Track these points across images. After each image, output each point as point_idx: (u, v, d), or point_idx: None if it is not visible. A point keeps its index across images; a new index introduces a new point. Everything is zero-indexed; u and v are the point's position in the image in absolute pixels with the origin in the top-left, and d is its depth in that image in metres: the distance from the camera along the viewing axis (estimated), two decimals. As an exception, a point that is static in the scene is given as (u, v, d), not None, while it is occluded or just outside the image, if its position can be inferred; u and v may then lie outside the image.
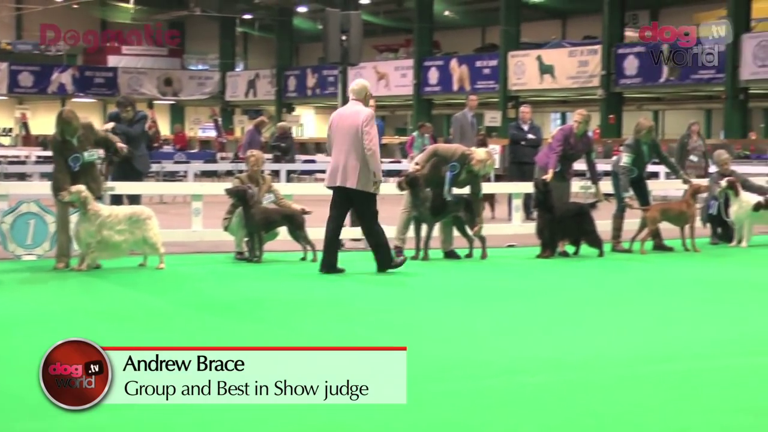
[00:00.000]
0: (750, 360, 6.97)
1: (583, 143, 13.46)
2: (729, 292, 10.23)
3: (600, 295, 10.05)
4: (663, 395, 6.00)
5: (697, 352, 7.23)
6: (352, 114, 11.05)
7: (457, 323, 8.35)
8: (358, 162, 10.91)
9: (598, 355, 7.03)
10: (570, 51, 36.63)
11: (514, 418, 5.55)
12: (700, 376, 6.48)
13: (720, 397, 5.95)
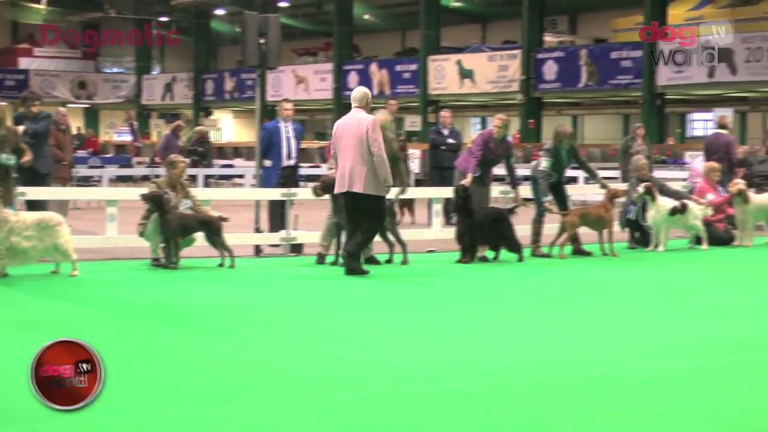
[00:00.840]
0: (665, 363, 7.08)
1: (503, 148, 13.59)
2: (646, 296, 10.38)
3: (519, 300, 10.14)
4: (581, 400, 6.07)
5: (614, 357, 7.33)
6: (356, 121, 11.55)
7: (376, 329, 8.36)
8: (364, 167, 11.40)
9: (516, 361, 7.09)
10: (490, 56, 36.93)
11: (432, 425, 5.57)
12: (617, 380, 6.57)
13: (636, 402, 6.04)
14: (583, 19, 43.33)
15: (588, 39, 39.34)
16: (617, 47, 33.58)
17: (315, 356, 7.22)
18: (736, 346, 7.68)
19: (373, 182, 11.44)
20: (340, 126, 11.75)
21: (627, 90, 32.78)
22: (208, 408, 5.82)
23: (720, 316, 9.13)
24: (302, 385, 6.38)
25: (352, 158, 11.46)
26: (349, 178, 11.47)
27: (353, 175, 11.44)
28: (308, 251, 13.56)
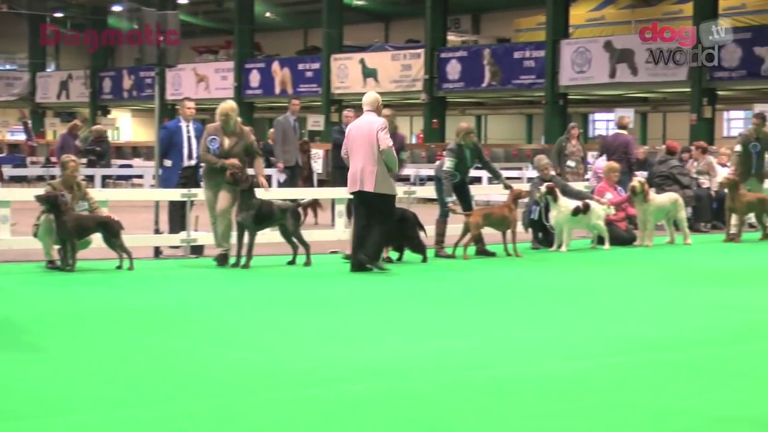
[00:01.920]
0: (567, 364, 7.19)
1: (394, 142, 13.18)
2: (549, 296, 10.53)
3: (421, 301, 10.19)
4: (483, 402, 6.13)
5: (516, 358, 7.42)
6: (367, 123, 12.22)
7: (277, 331, 8.34)
8: (375, 167, 12.02)
9: (419, 363, 7.13)
10: (393, 54, 37.08)
11: (334, 427, 5.58)
12: (520, 381, 6.65)
13: (537, 402, 6.12)
14: (486, 18, 43.80)
15: (491, 38, 39.77)
16: (520, 47, 34.01)
17: (216, 359, 7.18)
18: (638, 346, 7.82)
19: (384, 182, 12.09)
20: (353, 128, 12.38)
21: (530, 90, 33.22)
22: (104, 414, 5.75)
23: (622, 316, 9.30)
24: (202, 389, 6.34)
25: (364, 159, 12.08)
26: (360, 179, 12.08)
27: (364, 175, 12.06)
28: (209, 252, 13.46)
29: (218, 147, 12.46)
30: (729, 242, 15.96)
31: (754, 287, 11.31)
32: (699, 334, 8.31)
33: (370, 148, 12.06)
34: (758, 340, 8.20)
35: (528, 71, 33.00)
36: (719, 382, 6.63)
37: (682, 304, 9.98)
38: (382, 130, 12.08)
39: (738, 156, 16.94)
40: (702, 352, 7.63)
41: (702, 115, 29.01)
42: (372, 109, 12.40)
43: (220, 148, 12.47)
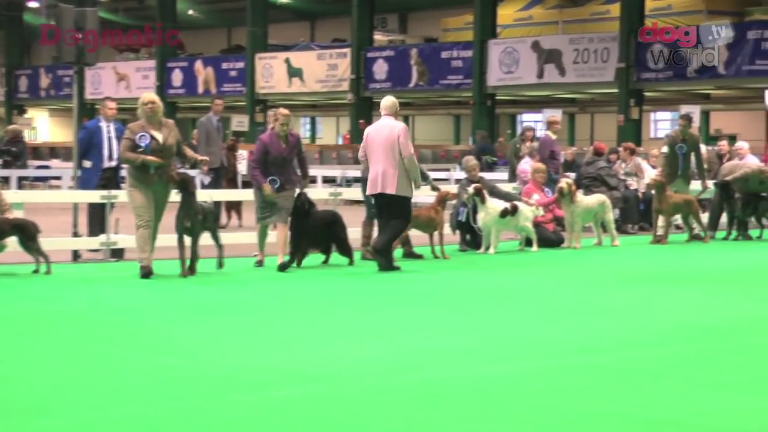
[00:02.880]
0: (494, 367, 7.25)
1: (291, 144, 12.83)
2: (476, 299, 10.60)
3: (347, 304, 10.21)
4: (409, 406, 6.15)
5: (443, 361, 7.45)
6: (387, 128, 12.76)
7: (198, 337, 8.29)
8: (396, 170, 12.55)
9: (344, 367, 7.14)
10: (319, 54, 37.08)
11: (260, 433, 5.57)
12: (446, 385, 6.69)
13: (464, 406, 6.16)
14: (414, 18, 43.96)
15: (418, 38, 39.94)
16: (448, 47, 34.21)
17: (136, 365, 7.12)
18: (565, 349, 7.91)
19: (404, 184, 12.63)
20: (372, 132, 12.92)
21: (458, 90, 33.43)
22: (18, 424, 5.67)
23: (550, 318, 9.39)
24: (124, 396, 6.28)
25: (384, 162, 12.62)
26: (381, 181, 12.61)
27: (386, 178, 12.59)
28: (129, 256, 13.34)
29: (149, 143, 11.63)
30: (656, 244, 16.20)
31: (680, 289, 11.49)
32: (626, 336, 8.42)
33: (391, 152, 12.60)
34: (684, 341, 8.33)
35: (456, 71, 33.20)
36: (645, 385, 6.73)
37: (610, 306, 10.11)
38: (404, 136, 12.63)
39: (665, 157, 17.19)
40: (629, 354, 7.74)
41: (629, 116, 29.45)
42: (390, 114, 12.93)
43: (154, 143, 11.66)
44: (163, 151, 11.70)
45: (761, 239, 17.22)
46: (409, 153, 12.62)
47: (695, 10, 32.12)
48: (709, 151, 20.86)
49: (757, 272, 13.23)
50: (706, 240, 16.57)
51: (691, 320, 9.28)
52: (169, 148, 11.76)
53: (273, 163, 12.61)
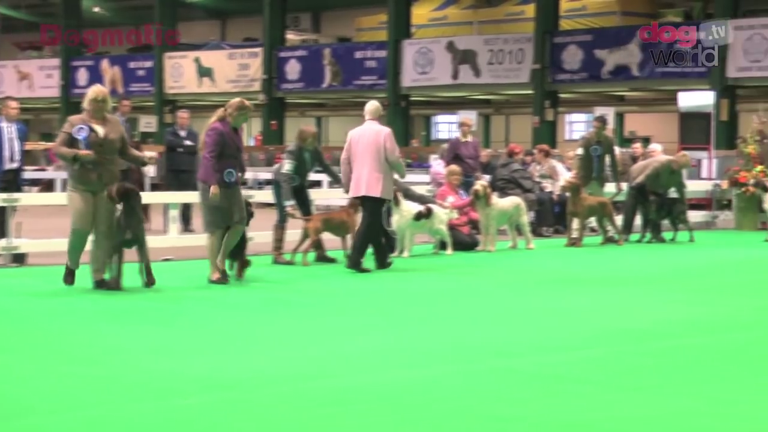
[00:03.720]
0: (408, 372, 7.27)
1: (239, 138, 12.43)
2: (389, 303, 10.63)
3: (256, 309, 10.15)
4: (321, 412, 6.15)
5: (354, 367, 7.46)
6: (372, 132, 13.21)
7: (108, 344, 8.19)
8: (381, 174, 13.03)
9: (255, 374, 7.11)
10: (230, 53, 36.87)
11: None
12: (359, 390, 6.70)
13: (377, 412, 6.18)
14: (327, 17, 43.93)
15: (332, 38, 39.92)
16: (361, 47, 34.25)
17: (42, 374, 7.02)
18: (479, 353, 7.97)
19: (387, 188, 13.20)
20: (356, 136, 13.34)
21: (372, 91, 33.45)
22: None
23: (464, 322, 9.45)
24: (28, 405, 6.18)
25: (369, 165, 13.07)
26: (366, 183, 13.06)
27: (370, 181, 13.05)
28: (33, 261, 13.13)
29: (88, 136, 10.82)
30: (571, 246, 16.39)
31: (595, 292, 11.65)
32: (541, 340, 8.51)
33: (376, 155, 13.05)
34: (599, 344, 8.45)
35: (370, 72, 33.26)
36: (560, 388, 6.80)
37: (525, 309, 10.21)
38: (390, 140, 13.14)
39: (579, 159, 17.42)
40: (544, 359, 7.82)
41: (544, 117, 29.77)
42: (374, 118, 13.37)
43: (93, 136, 10.87)
44: (104, 146, 10.89)
45: (674, 242, 17.53)
46: (396, 155, 13.18)
47: (609, 12, 32.58)
48: (623, 153, 21.21)
49: (671, 275, 13.46)
50: (620, 243, 16.82)
51: (606, 324, 9.41)
52: (110, 143, 10.95)
53: (230, 155, 11.81)
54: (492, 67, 30.63)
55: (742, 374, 7.30)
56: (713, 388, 6.86)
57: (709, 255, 15.95)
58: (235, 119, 11.94)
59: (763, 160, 19.90)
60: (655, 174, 17.64)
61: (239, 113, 11.93)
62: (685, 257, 15.63)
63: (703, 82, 26.70)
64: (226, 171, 11.75)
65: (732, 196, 20.56)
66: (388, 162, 13.12)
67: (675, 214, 17.69)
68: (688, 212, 18.04)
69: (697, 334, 8.98)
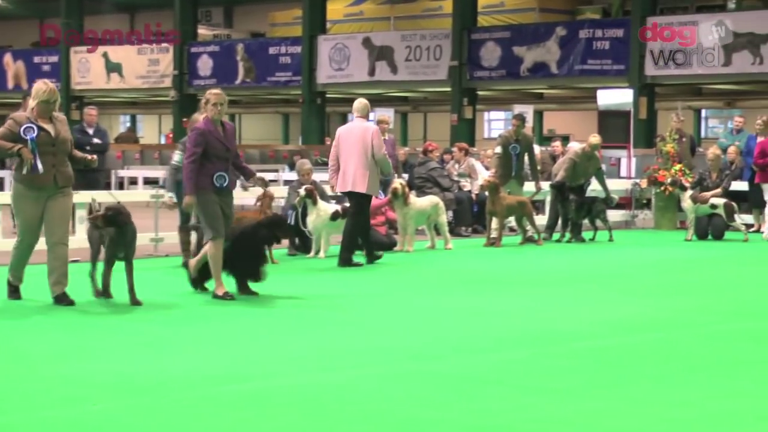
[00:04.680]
0: (323, 376, 7.28)
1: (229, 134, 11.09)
2: (303, 305, 10.60)
3: (169, 314, 10.07)
4: (234, 416, 6.13)
5: (269, 370, 7.44)
6: (360, 129, 13.95)
7: (10, 350, 8.08)
8: (367, 170, 13.75)
9: (166, 378, 7.06)
10: (139, 48, 36.51)
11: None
12: (273, 394, 6.70)
13: (291, 416, 6.18)
14: (240, 11, 43.72)
15: (245, 33, 39.76)
16: (276, 42, 34.17)
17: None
18: (396, 356, 8.01)
19: (373, 184, 13.97)
20: (344, 133, 14.08)
21: (286, 88, 33.42)
22: None
23: (381, 325, 9.49)
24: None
25: (356, 162, 13.79)
26: (352, 180, 13.77)
27: (356, 177, 13.76)
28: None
29: (36, 136, 10.09)
30: (490, 246, 16.51)
31: (514, 293, 11.76)
32: (459, 343, 8.57)
33: (363, 153, 13.78)
34: (517, 346, 8.52)
35: (284, 68, 33.19)
36: (477, 391, 6.86)
37: (443, 311, 10.25)
38: (377, 137, 13.87)
39: (498, 158, 17.55)
40: (461, 361, 7.88)
41: (463, 115, 29.95)
42: (362, 115, 14.10)
43: (44, 135, 10.16)
44: (56, 146, 10.22)
45: (594, 241, 17.75)
46: (382, 153, 13.84)
47: (528, 8, 32.92)
48: (542, 152, 21.43)
49: (590, 275, 13.64)
50: (539, 242, 16.98)
51: (524, 325, 9.50)
52: (63, 142, 10.26)
53: (217, 156, 10.74)
54: (409, 64, 30.74)
55: (660, 374, 7.43)
56: (632, 389, 6.97)
57: (629, 255, 16.18)
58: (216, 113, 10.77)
59: (681, 159, 20.23)
60: (572, 165, 17.85)
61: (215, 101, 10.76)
62: (604, 257, 15.84)
63: (622, 80, 27.12)
64: (216, 174, 10.71)
65: (651, 195, 20.88)
66: (374, 159, 13.78)
67: (594, 214, 17.91)
68: (607, 211, 18.27)
69: (617, 334, 9.11)
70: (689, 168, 20.08)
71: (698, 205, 18.14)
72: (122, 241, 10.39)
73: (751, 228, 18.97)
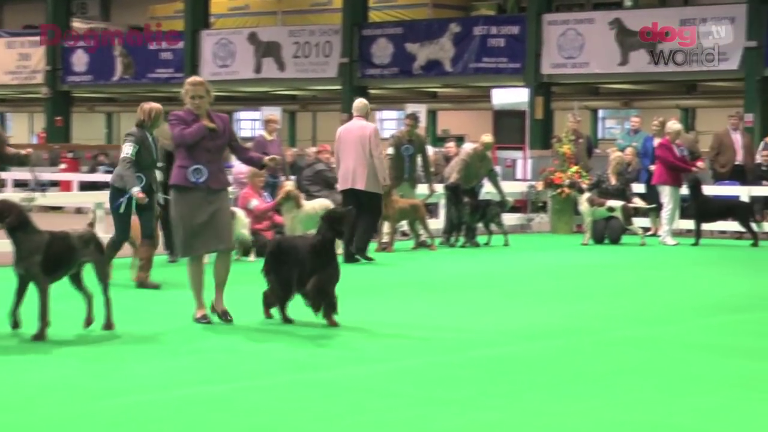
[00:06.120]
0: (203, 389, 7.28)
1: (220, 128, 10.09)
2: (183, 315, 10.54)
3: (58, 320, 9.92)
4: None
5: (131, 386, 7.42)
6: (359, 128, 15.16)
7: None
8: (366, 168, 14.91)
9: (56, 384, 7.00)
10: (8, 42, 35.92)
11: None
12: (140, 409, 6.68)
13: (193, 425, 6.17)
14: (117, 4, 43.23)
15: (123, 27, 39.32)
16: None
17: None
18: (283, 367, 8.03)
19: (372, 181, 14.97)
20: (344, 132, 15.32)
21: (167, 85, 33.09)
22: None
23: (263, 334, 9.48)
24: None
25: (354, 160, 14.97)
26: (352, 177, 14.97)
27: (356, 174, 14.94)
28: None
29: None
30: (381, 251, 16.58)
31: (406, 299, 11.84)
32: (348, 353, 8.63)
33: (362, 151, 14.92)
34: (410, 356, 8.58)
35: (165, 64, 32.92)
36: (367, 403, 6.92)
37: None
38: (375, 137, 15.00)
39: (390, 159, 17.62)
40: (351, 371, 7.95)
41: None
42: (361, 115, 15.31)
43: None
44: None
45: (489, 246, 17.95)
46: (379, 153, 15.01)
47: (421, 4, 33.17)
48: (436, 153, 21.59)
49: (485, 281, 13.79)
50: (432, 247, 17.10)
51: (417, 334, 9.55)
52: None
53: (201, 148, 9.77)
54: (297, 61, 30.72)
55: (556, 383, 7.56)
56: (527, 399, 7.08)
57: (524, 260, 16.41)
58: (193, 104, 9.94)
59: (578, 161, 20.55)
60: (465, 166, 18.05)
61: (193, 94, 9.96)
62: (499, 263, 16.03)
63: (517, 79, 27.42)
64: (192, 168, 9.72)
65: (547, 198, 21.18)
66: (372, 157, 14.89)
67: (489, 217, 18.11)
68: (502, 215, 18.49)
69: (512, 342, 9.23)
70: (586, 170, 20.43)
71: (595, 208, 18.47)
72: (20, 254, 8.87)
73: (648, 232, 19.38)
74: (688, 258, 16.95)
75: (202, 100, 9.80)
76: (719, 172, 21.16)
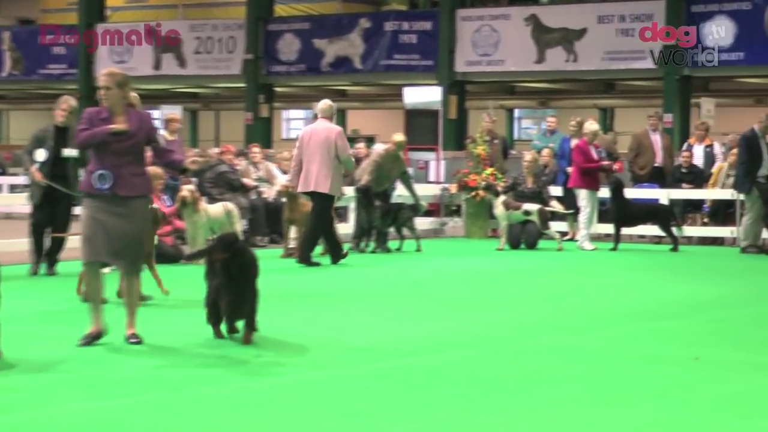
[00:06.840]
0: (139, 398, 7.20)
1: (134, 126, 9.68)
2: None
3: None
4: None
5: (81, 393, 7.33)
6: (324, 130, 15.50)
7: None
8: (330, 171, 15.28)
9: None
10: None
11: None
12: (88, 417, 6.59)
13: None
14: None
15: (12, 19, 38.84)
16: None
17: None
18: (182, 380, 7.98)
19: (336, 185, 15.50)
20: (307, 133, 15.65)
21: (61, 82, 32.74)
22: None
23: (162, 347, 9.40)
24: None
25: (319, 162, 15.32)
26: (315, 180, 15.29)
27: (320, 177, 15.29)
28: None
29: None
30: (288, 258, 16.51)
31: (312, 308, 11.85)
32: (249, 364, 8.59)
33: (327, 153, 15.30)
34: (313, 367, 8.58)
35: (58, 60, 32.58)
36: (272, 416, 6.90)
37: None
38: (341, 138, 15.46)
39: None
40: (250, 384, 7.93)
41: (258, 113, 29.88)
42: (326, 117, 15.66)
43: None
44: None
45: (400, 251, 17.98)
46: (347, 153, 15.58)
47: (330, -2, 33.17)
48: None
49: (396, 288, 13.80)
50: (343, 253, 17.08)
51: (323, 343, 9.54)
52: None
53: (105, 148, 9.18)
54: (199, 57, 30.57)
55: (467, 395, 7.57)
56: (437, 411, 7.08)
57: (438, 266, 16.47)
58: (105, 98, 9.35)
59: (493, 162, 20.66)
60: (377, 167, 18.08)
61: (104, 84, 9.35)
62: (411, 269, 16.06)
63: (430, 77, 27.50)
64: (97, 173, 9.14)
65: (461, 201, 21.26)
66: (339, 159, 15.32)
67: (401, 222, 18.13)
68: (415, 219, 18.53)
69: (423, 352, 9.24)
70: (501, 172, 20.57)
71: (511, 211, 18.57)
72: None
73: (566, 236, 19.55)
74: (606, 263, 17.14)
75: (109, 92, 9.22)
76: (638, 175, 21.42)
